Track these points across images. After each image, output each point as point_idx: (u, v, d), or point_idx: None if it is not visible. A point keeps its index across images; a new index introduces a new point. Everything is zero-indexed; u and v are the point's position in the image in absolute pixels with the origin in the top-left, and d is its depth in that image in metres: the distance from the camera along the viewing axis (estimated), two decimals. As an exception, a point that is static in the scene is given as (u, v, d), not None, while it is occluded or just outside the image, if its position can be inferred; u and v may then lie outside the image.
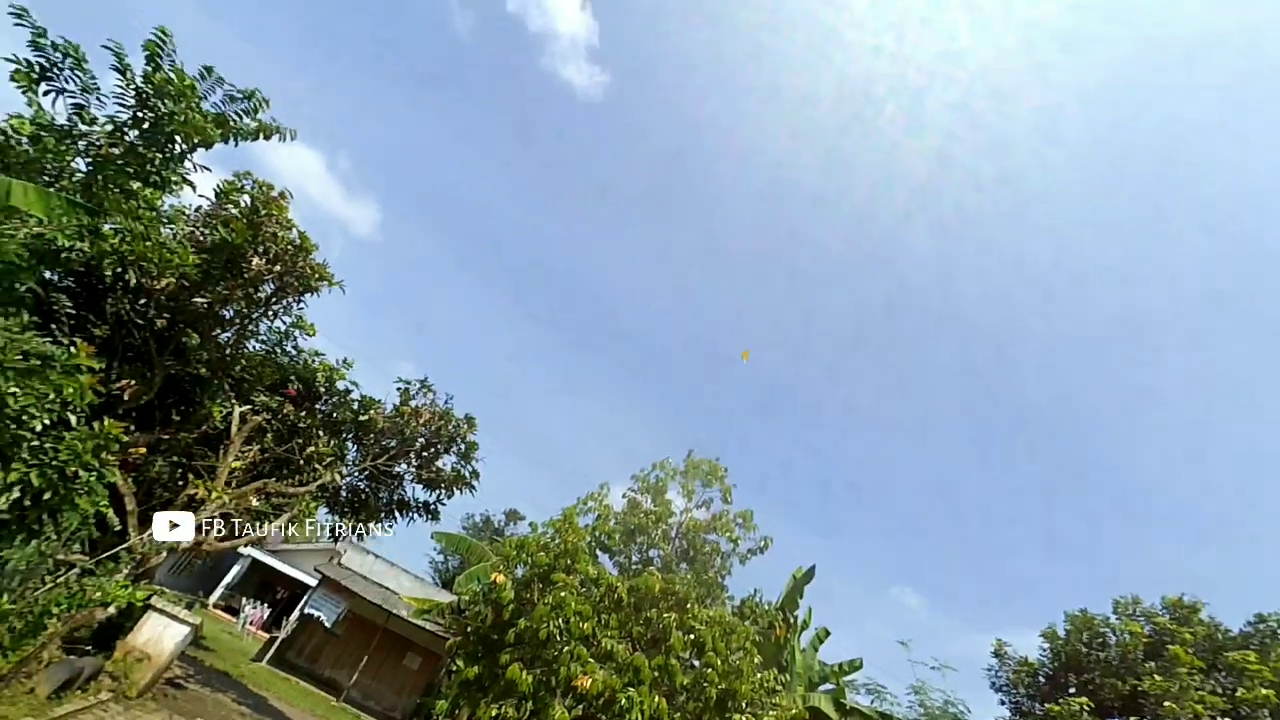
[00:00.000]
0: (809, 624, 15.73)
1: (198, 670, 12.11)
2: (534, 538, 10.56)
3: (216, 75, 8.56)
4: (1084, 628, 13.90)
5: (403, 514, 13.48)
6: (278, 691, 14.43)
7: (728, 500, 13.49)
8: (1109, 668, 12.80)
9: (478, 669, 8.77)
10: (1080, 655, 13.58)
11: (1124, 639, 13.02)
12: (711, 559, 12.81)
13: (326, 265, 10.91)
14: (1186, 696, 10.69)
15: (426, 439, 13.05)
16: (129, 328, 9.51)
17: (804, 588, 15.47)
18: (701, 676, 8.88)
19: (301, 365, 12.45)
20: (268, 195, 10.08)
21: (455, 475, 13.32)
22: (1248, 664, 10.96)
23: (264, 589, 27.17)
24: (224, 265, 9.84)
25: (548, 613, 8.43)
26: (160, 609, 8.05)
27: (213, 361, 10.77)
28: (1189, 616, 12.97)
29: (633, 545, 12.79)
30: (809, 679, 14.66)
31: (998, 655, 14.92)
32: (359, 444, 13.00)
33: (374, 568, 22.49)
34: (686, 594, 9.75)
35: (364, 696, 18.57)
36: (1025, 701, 14.15)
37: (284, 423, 11.72)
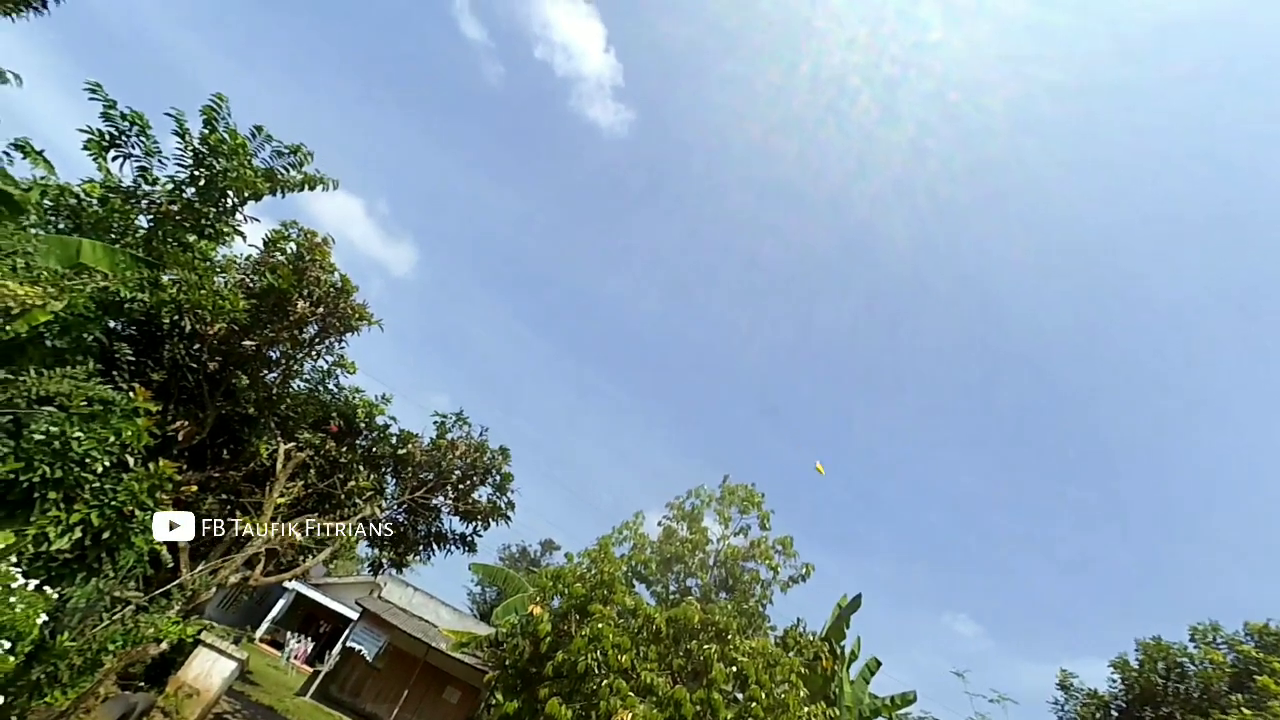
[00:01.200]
0: (857, 654, 15.08)
1: (244, 705, 12.33)
2: (570, 568, 10.51)
3: (266, 133, 9.14)
4: (1159, 657, 12.95)
5: (440, 546, 13.61)
6: (321, 727, 14.55)
7: (766, 527, 13.16)
8: (1189, 701, 11.87)
9: (517, 704, 8.68)
10: (1155, 687, 12.63)
11: (1205, 669, 12.06)
12: (751, 587, 12.45)
13: (366, 305, 11.37)
14: (1282, 733, 9.81)
15: (463, 471, 13.23)
16: (184, 371, 10.02)
17: (850, 616, 14.88)
18: (745, 711, 8.59)
19: (343, 402, 12.85)
20: (312, 242, 10.62)
21: (491, 507, 13.42)
22: (1349, 696, 10.03)
23: (308, 622, 27.61)
24: (271, 309, 10.35)
25: (585, 645, 8.33)
26: (210, 644, 8.28)
27: (260, 401, 11.22)
28: (1277, 644, 11.97)
29: (669, 574, 12.55)
30: (859, 713, 13.98)
31: (1063, 687, 14.02)
32: (397, 478, 13.25)
33: (413, 600, 22.66)
34: (727, 624, 9.50)
35: (406, 732, 18.55)
36: (1097, 738, 13.19)
37: (326, 458, 12.06)
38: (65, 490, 4.97)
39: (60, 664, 4.86)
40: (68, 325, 6.81)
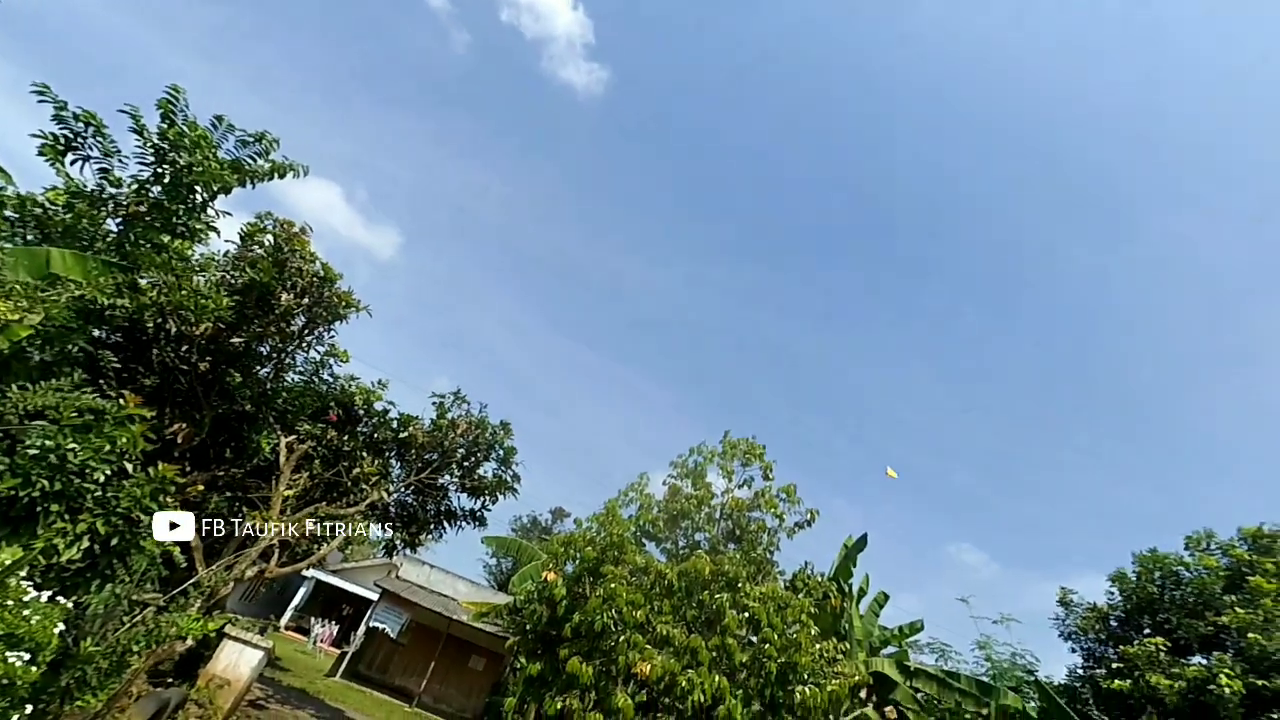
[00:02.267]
0: (866, 590, 15.61)
1: (276, 690, 12.73)
2: (580, 533, 10.73)
3: (228, 123, 8.82)
4: (1155, 567, 13.41)
5: (451, 523, 13.83)
6: (353, 703, 15.07)
7: (769, 477, 13.39)
8: (1185, 606, 12.34)
9: (539, 665, 9.00)
10: (1153, 596, 13.13)
11: (1200, 575, 12.50)
12: (758, 536, 12.74)
13: (352, 292, 11.23)
14: (1273, 626, 10.26)
15: (466, 449, 13.34)
16: (175, 374, 9.96)
17: (857, 556, 15.34)
18: (760, 652, 8.93)
19: (339, 391, 12.84)
20: (289, 232, 10.40)
21: (497, 481, 13.59)
22: (1335, 589, 10.45)
23: (330, 607, 28.30)
24: (256, 304, 10.22)
25: (600, 605, 8.58)
26: (234, 636, 8.49)
27: (255, 397, 11.19)
28: (1270, 546, 12.36)
29: (678, 530, 12.84)
30: (870, 644, 14.57)
31: (1064, 604, 14.57)
32: (402, 460, 13.37)
33: (431, 577, 23.20)
34: (736, 573, 9.78)
35: (435, 700, 19.25)
36: (1097, 647, 13.78)
37: (329, 448, 12.12)
38: (67, 502, 5.00)
39: (87, 669, 4.99)
40: (50, 338, 6.72)
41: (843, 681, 9.52)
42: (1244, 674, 9.94)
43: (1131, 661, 11.46)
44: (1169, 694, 10.36)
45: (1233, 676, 9.85)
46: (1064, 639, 14.42)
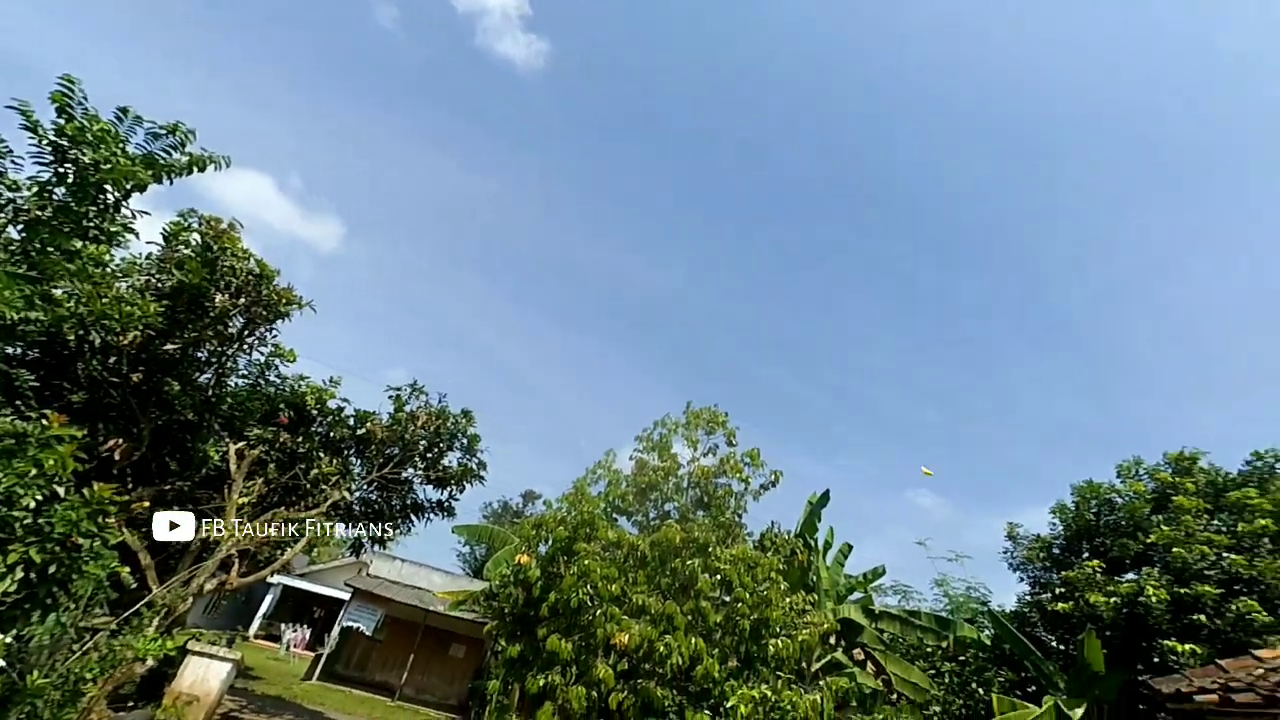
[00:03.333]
0: (831, 543, 16.30)
1: (251, 700, 12.48)
2: (550, 515, 10.79)
3: (134, 115, 8.17)
4: (1091, 496, 14.38)
5: (419, 516, 13.66)
6: (333, 704, 14.93)
7: (733, 443, 13.72)
8: (1118, 529, 13.32)
9: (519, 646, 9.10)
10: (1089, 523, 14.11)
11: (1130, 500, 13.48)
12: (725, 501, 13.09)
13: (293, 289, 10.74)
14: (1193, 540, 11.20)
15: (428, 440, 13.11)
16: (104, 388, 9.37)
17: (821, 511, 15.97)
18: (733, 611, 9.26)
19: (289, 392, 12.36)
20: (217, 229, 9.81)
21: (463, 470, 13.45)
22: (1248, 500, 11.46)
23: (300, 611, 27.74)
24: (187, 308, 9.66)
25: (575, 582, 8.70)
26: (199, 651, 8.24)
27: (197, 405, 10.67)
28: (1190, 467, 13.39)
29: (647, 503, 13.05)
30: (837, 593, 15.29)
31: (1011, 537, 15.54)
32: (362, 457, 13.05)
33: (403, 571, 22.93)
34: (706, 538, 10.04)
35: (418, 692, 19.26)
36: (1042, 574, 14.78)
37: (283, 451, 11.72)
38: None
39: (38, 702, 4.76)
40: (-45, 360, 6.20)
41: (813, 631, 9.99)
42: (1169, 584, 10.90)
43: (1072, 584, 12.39)
44: (1105, 609, 11.29)
45: (1158, 587, 10.80)
46: (1013, 570, 15.45)
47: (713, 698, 8.73)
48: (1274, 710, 4.75)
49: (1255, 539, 10.89)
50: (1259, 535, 10.87)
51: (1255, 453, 12.83)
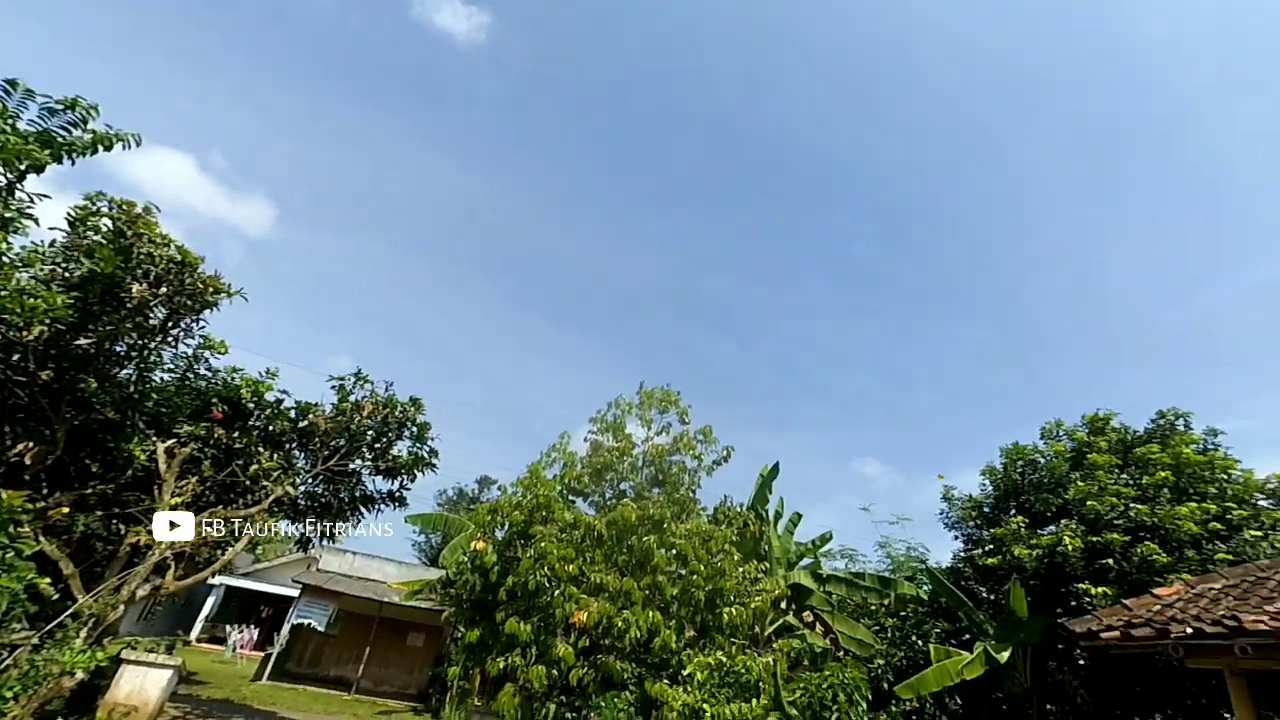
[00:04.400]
0: (781, 513, 16.92)
1: (196, 706, 12.02)
2: (505, 500, 10.74)
3: (25, 89, 7.41)
4: (1018, 458, 15.39)
5: (369, 508, 13.30)
6: (286, 703, 14.55)
7: (685, 421, 13.96)
8: (1041, 486, 14.33)
9: (478, 631, 9.10)
10: (1016, 482, 15.14)
11: (1051, 459, 14.51)
12: (680, 478, 13.35)
13: (220, 276, 10.11)
14: (1105, 493, 12.19)
15: (375, 430, 12.74)
16: (8, 388, 8.64)
17: (771, 483, 16.51)
18: (688, 584, 9.52)
19: (222, 385, 11.70)
20: (130, 214, 9.08)
21: (413, 459, 13.15)
22: (1151, 455, 12.54)
23: (247, 611, 26.71)
24: (101, 299, 8.95)
25: (532, 565, 8.73)
26: (134, 660, 7.84)
27: (119, 402, 9.99)
28: (1103, 427, 14.50)
29: (603, 483, 13.16)
30: (788, 560, 15.93)
31: (946, 499, 16.51)
32: (306, 450, 12.56)
33: (356, 564, 22.38)
34: (661, 515, 10.24)
35: (376, 684, 18.98)
36: (975, 532, 15.77)
37: (218, 448, 11.14)
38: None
39: (-44, 724, 4.44)
40: None
41: (764, 597, 10.42)
42: (1084, 534, 11.90)
43: (1000, 540, 13.34)
44: (1029, 560, 12.23)
45: (1074, 537, 11.77)
46: (948, 529, 16.45)
47: (671, 667, 9.01)
48: (1164, 640, 5.32)
49: (1157, 489, 11.98)
50: (1160, 486, 11.95)
51: (1159, 411, 14.01)
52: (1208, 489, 11.65)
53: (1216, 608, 5.82)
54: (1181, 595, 6.74)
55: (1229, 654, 5.06)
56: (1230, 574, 7.06)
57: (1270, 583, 6.35)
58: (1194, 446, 12.46)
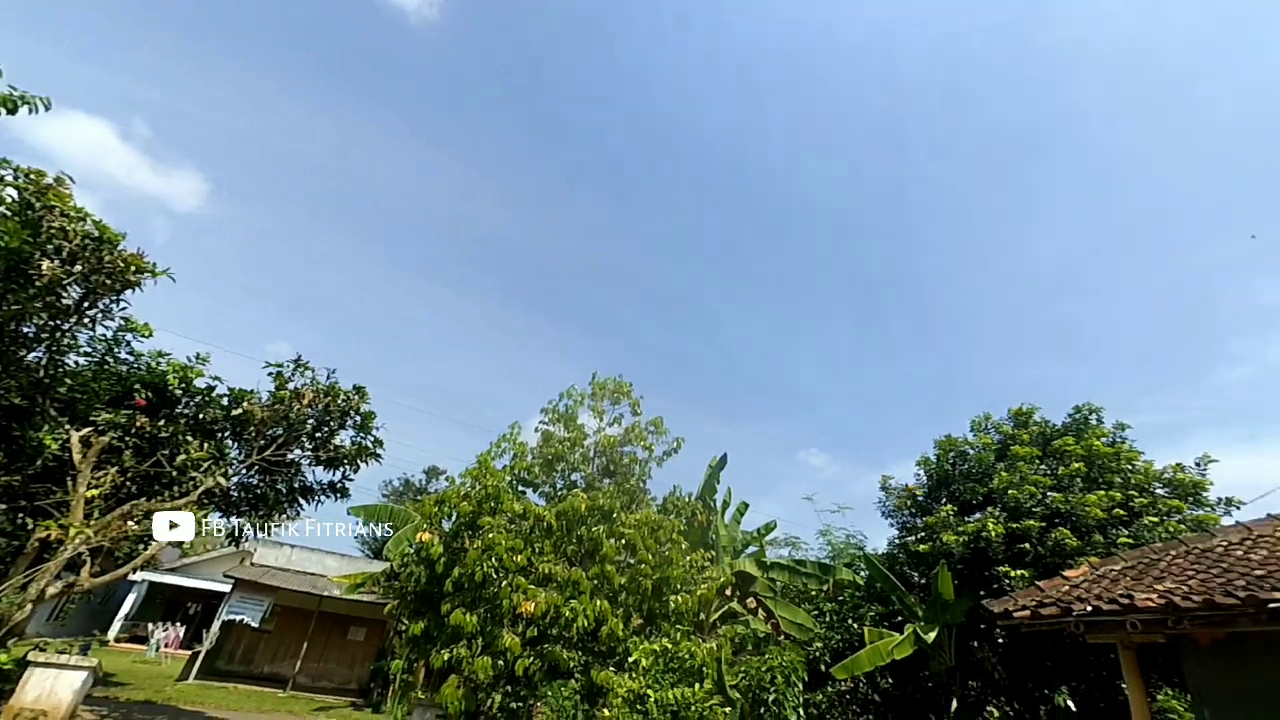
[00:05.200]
0: (729, 502, 17.34)
1: (114, 709, 11.36)
2: (453, 490, 10.58)
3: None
4: (949, 449, 16.26)
5: (308, 500, 12.83)
6: (215, 702, 13.92)
7: (637, 412, 14.11)
8: (969, 476, 15.19)
9: (423, 623, 8.96)
10: (947, 473, 15.99)
11: (979, 451, 15.40)
12: (631, 469, 13.51)
13: (143, 254, 9.47)
14: (1025, 483, 13.05)
15: (316, 420, 12.26)
16: (-105, 370, 7.87)
17: (720, 474, 16.88)
18: (636, 573, 9.66)
19: (145, 370, 11.01)
20: (39, 184, 8.37)
21: (357, 449, 12.74)
22: (1067, 447, 13.50)
23: (172, 609, 25.33)
24: (5, 276, 8.24)
25: (479, 556, 8.66)
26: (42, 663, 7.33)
27: (26, 388, 9.25)
28: (1026, 421, 15.50)
29: (554, 474, 13.16)
30: (734, 548, 16.37)
31: (884, 489, 17.29)
32: (239, 440, 11.98)
33: (294, 558, 21.55)
34: (611, 505, 10.32)
35: (314, 680, 18.40)
36: (909, 520, 16.58)
37: (140, 436, 10.48)
38: None
39: None
40: None
41: (710, 585, 10.70)
42: (1005, 521, 12.73)
43: (932, 527, 14.10)
44: (956, 546, 13.00)
45: (997, 524, 12.59)
46: (885, 517, 17.24)
47: (617, 655, 9.14)
48: (1068, 618, 5.81)
49: (1071, 479, 12.93)
50: (1073, 476, 12.91)
51: (1076, 407, 15.07)
52: (1114, 479, 12.65)
53: (1116, 588, 6.38)
54: (1087, 577, 7.33)
55: (1121, 629, 5.57)
56: (1129, 557, 7.72)
57: (1161, 564, 7.00)
58: (1104, 439, 13.48)
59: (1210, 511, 11.81)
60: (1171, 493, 12.34)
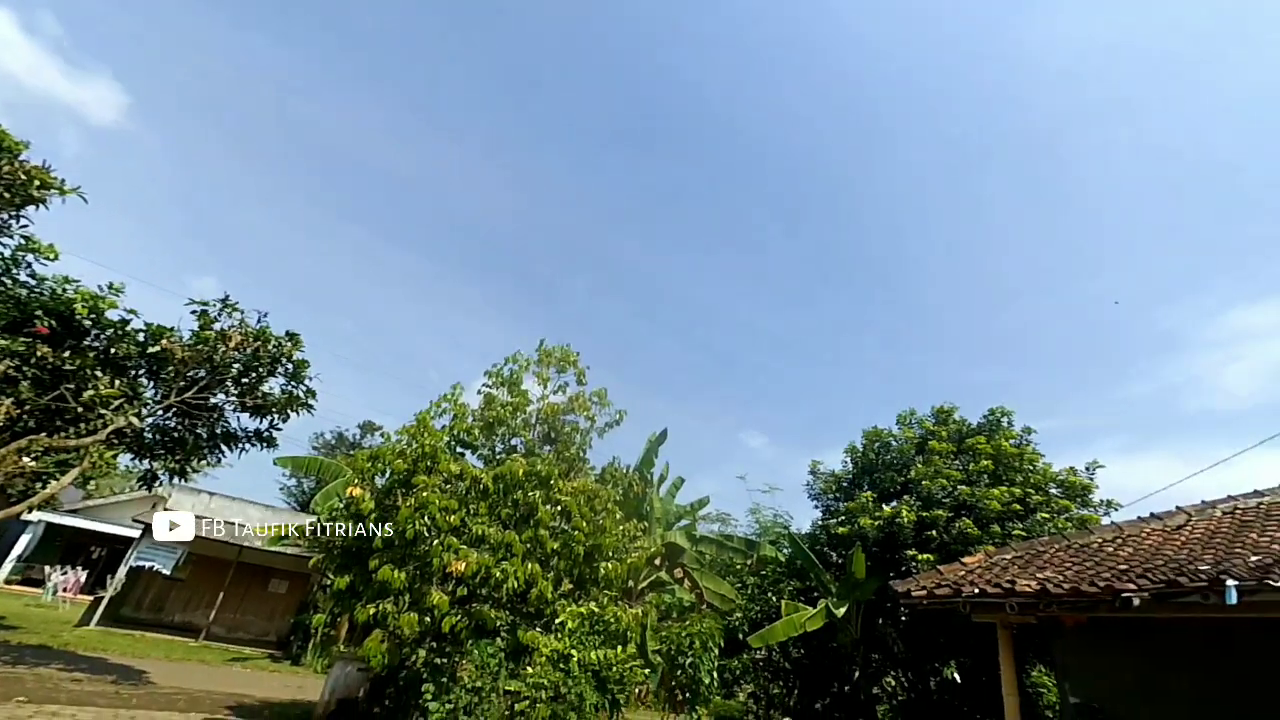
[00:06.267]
0: (666, 476, 17.79)
1: (4, 651, 10.75)
2: (388, 447, 10.39)
3: None
4: (875, 440, 17.22)
5: (231, 446, 12.28)
6: (119, 648, 13.36)
7: (582, 382, 14.11)
8: (891, 466, 16.18)
9: (349, 577, 8.86)
10: (871, 461, 16.95)
11: (902, 444, 16.38)
12: (572, 438, 13.56)
13: (49, 168, 8.64)
14: (939, 475, 14.01)
15: (244, 364, 11.68)
16: None
17: (658, 448, 17.26)
18: (569, 539, 9.82)
19: (48, 296, 10.13)
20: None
21: (287, 398, 12.25)
22: (978, 445, 14.54)
23: (73, 552, 23.88)
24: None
25: (412, 513, 8.59)
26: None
27: (-96, 304, 8.36)
28: (946, 418, 16.57)
29: (494, 438, 13.06)
30: (667, 521, 16.88)
31: (813, 472, 18.16)
32: (156, 380, 11.28)
33: (211, 505, 20.61)
34: (550, 472, 10.39)
35: (229, 630, 17.91)
36: (833, 503, 17.54)
37: (41, 367, 9.71)
38: None
39: None
40: None
41: (641, 554, 11.03)
42: (918, 509, 13.69)
43: (852, 512, 14.99)
44: (871, 529, 13.91)
45: (910, 511, 13.53)
46: (811, 500, 18.17)
47: (545, 616, 9.35)
48: (957, 599, 6.39)
49: (979, 475, 14.00)
50: (982, 472, 13.98)
51: (991, 409, 16.22)
52: (1016, 477, 13.78)
53: (1004, 574, 7.05)
54: (981, 564, 8.05)
55: (1002, 610, 6.19)
56: (1019, 548, 8.51)
57: (1045, 555, 7.76)
58: (1012, 441, 14.61)
59: (1094, 512, 13.08)
60: (1063, 493, 13.56)
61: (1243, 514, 7.87)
